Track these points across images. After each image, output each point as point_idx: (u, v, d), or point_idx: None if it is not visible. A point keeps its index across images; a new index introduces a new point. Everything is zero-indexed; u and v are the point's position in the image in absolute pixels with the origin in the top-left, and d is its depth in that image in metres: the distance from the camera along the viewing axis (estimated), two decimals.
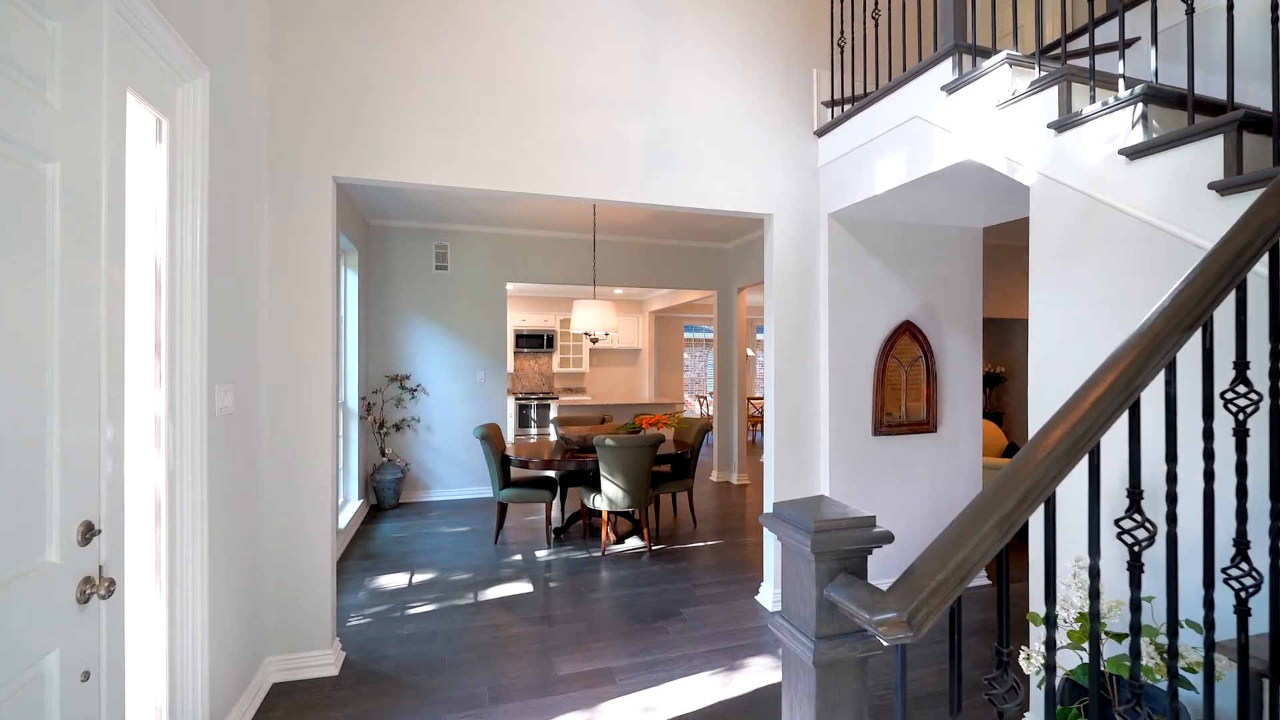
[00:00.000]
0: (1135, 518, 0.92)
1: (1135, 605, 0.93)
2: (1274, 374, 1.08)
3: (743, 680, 2.64)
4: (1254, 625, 1.38)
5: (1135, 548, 0.92)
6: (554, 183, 2.97)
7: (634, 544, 4.60)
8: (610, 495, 4.28)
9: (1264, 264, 1.40)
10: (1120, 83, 1.91)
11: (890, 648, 1.11)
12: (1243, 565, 1.02)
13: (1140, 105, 1.82)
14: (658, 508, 5.11)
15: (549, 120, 2.96)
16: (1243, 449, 1.04)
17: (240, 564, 2.32)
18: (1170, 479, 0.96)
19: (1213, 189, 1.62)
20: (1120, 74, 1.92)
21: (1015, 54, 2.23)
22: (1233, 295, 1.06)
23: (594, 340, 6.66)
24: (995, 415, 6.91)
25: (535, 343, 10.02)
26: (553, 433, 8.17)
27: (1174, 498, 0.96)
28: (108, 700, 1.36)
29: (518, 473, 5.27)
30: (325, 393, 2.66)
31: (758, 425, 10.77)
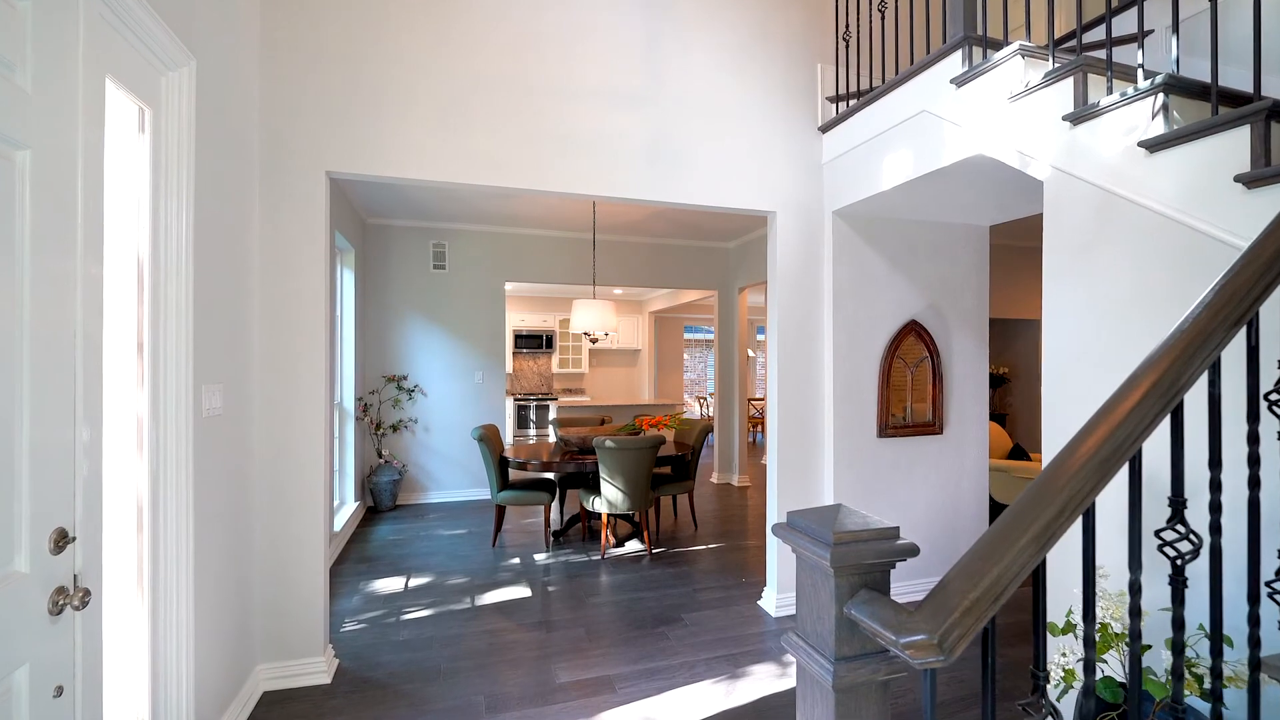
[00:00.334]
0: (1178, 528, 0.86)
1: (1178, 623, 0.86)
2: None
3: (746, 689, 2.57)
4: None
5: (1178, 561, 0.86)
6: (553, 179, 2.90)
7: (634, 547, 4.53)
8: (610, 498, 4.21)
9: None
10: (1139, 73, 1.84)
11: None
12: None
13: (1161, 96, 1.76)
14: (658, 510, 5.05)
15: (548, 114, 2.89)
16: None
17: (229, 569, 2.25)
18: (1214, 486, 0.89)
19: (1239, 182, 1.55)
20: (1139, 64, 1.85)
21: (1028, 45, 2.17)
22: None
23: (593, 340, 6.58)
24: (999, 417, 6.85)
25: (534, 343, 9.93)
26: (552, 434, 8.10)
27: (1218, 506, 0.89)
28: (83, 716, 1.30)
29: (516, 475, 5.20)
30: (319, 393, 2.58)
31: (758, 426, 10.69)
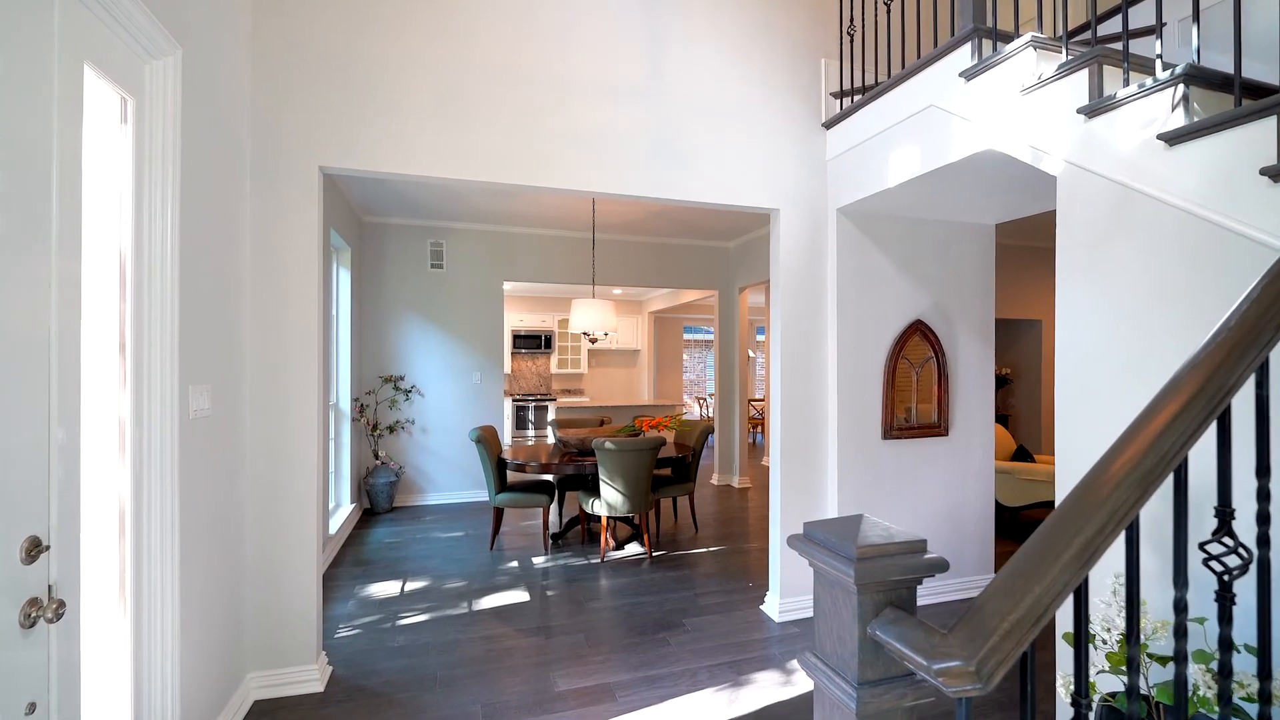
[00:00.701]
0: (1226, 542, 0.80)
1: (1225, 643, 0.80)
2: None
3: (750, 697, 2.51)
4: None
5: (1225, 576, 0.79)
6: (553, 175, 2.83)
7: (634, 550, 4.46)
8: (610, 500, 4.15)
9: None
10: (1157, 64, 1.78)
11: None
12: None
13: (1181, 87, 1.70)
14: (658, 512, 4.98)
15: (547, 109, 2.83)
16: None
17: (218, 575, 2.18)
18: (1262, 495, 0.83)
19: (1265, 175, 1.49)
20: (1157, 55, 1.79)
21: (1040, 36, 2.11)
22: None
23: (593, 340, 6.51)
24: (1001, 418, 6.80)
25: (533, 343, 9.85)
26: (550, 435, 8.03)
27: (1266, 517, 0.83)
28: None
29: (514, 476, 5.14)
30: (313, 393, 2.52)
31: (759, 427, 10.63)
